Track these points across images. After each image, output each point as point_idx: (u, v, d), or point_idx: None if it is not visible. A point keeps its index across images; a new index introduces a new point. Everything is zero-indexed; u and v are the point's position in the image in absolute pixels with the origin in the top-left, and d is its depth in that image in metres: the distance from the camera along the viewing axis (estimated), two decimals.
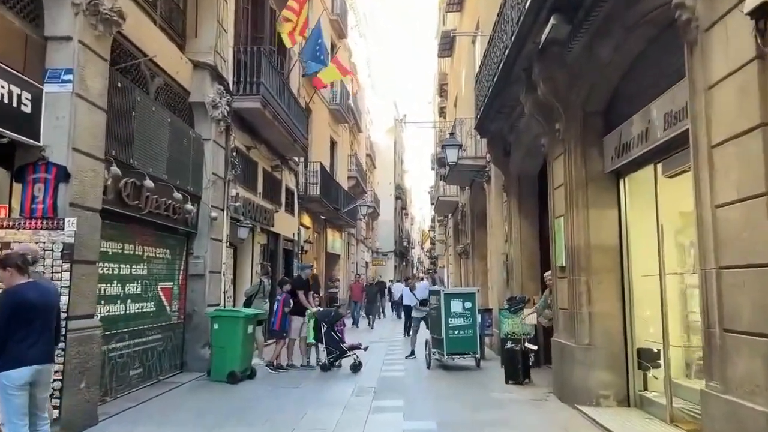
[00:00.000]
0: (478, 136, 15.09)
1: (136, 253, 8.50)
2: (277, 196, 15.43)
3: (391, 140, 49.11)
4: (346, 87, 25.03)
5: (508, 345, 9.46)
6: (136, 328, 8.44)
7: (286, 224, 16.29)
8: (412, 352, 11.93)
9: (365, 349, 11.05)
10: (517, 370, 9.02)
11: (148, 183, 7.97)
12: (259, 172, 13.78)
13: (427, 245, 61.55)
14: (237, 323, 9.35)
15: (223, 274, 11.07)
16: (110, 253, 7.72)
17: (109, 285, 7.69)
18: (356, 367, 10.41)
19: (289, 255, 17.09)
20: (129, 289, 8.26)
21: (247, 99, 11.76)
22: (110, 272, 7.73)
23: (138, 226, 8.48)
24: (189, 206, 9.53)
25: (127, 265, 8.22)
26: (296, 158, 17.34)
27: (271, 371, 10.35)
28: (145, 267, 8.76)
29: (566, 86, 7.63)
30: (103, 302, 7.51)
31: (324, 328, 10.64)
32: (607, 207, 7.49)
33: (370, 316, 20.94)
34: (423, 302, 11.98)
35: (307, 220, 19.25)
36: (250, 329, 9.62)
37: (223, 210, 11.11)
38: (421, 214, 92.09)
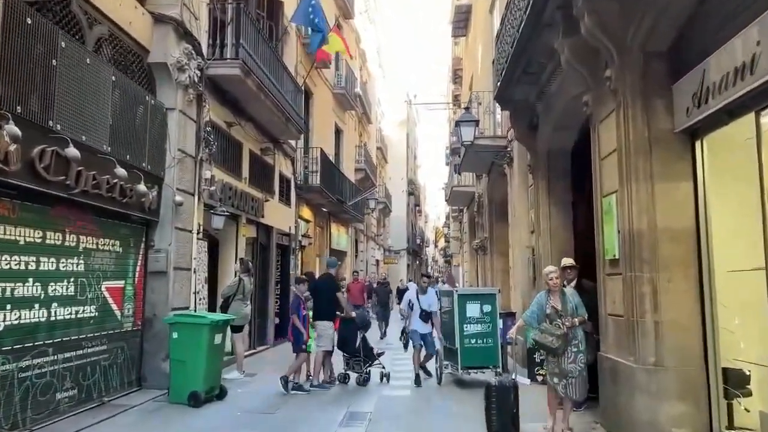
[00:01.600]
0: (498, 114, 13.22)
1: (67, 243, 6.71)
2: (268, 184, 13.62)
3: (404, 134, 47.20)
4: (352, 70, 23.19)
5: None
6: (66, 338, 6.65)
7: (280, 216, 14.48)
8: (418, 378, 9.03)
9: (380, 354, 9.51)
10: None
11: (72, 152, 6.15)
12: (244, 155, 11.98)
13: (442, 243, 59.62)
14: (200, 332, 7.53)
15: (194, 272, 9.27)
16: (21, 243, 5.94)
17: (19, 284, 5.90)
18: (387, 377, 9.18)
19: (285, 251, 15.28)
20: (55, 290, 6.47)
21: (223, 64, 9.95)
22: (21, 267, 5.94)
23: (69, 210, 6.69)
24: (141, 187, 7.72)
25: (52, 259, 6.43)
26: (292, 143, 15.51)
27: (310, 388, 8.60)
28: (82, 261, 6.97)
29: (619, 19, 5.71)
30: (8, 307, 5.73)
31: (360, 335, 9.26)
32: (679, 178, 5.55)
33: (383, 323, 16.50)
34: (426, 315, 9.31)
35: (307, 212, 17.43)
36: (218, 339, 7.79)
37: (193, 195, 9.31)
38: (436, 212, 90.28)
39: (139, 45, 8.23)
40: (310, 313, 9.29)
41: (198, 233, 9.45)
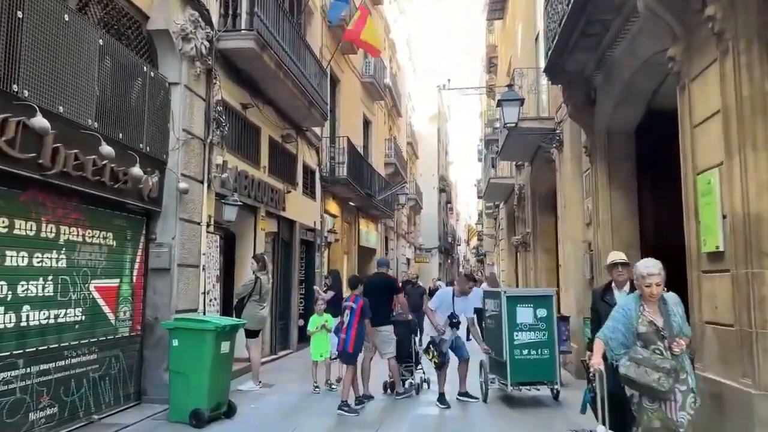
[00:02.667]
0: (543, 94, 11.85)
1: (43, 235, 5.66)
2: (290, 174, 12.51)
3: (435, 128, 45.84)
4: (381, 58, 21.99)
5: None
6: (43, 348, 5.60)
7: (304, 209, 13.36)
8: (442, 397, 7.44)
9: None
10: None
11: (39, 122, 5.07)
12: (262, 141, 10.87)
13: (474, 242, 58.02)
14: (203, 339, 6.42)
15: (203, 269, 8.18)
16: None
17: None
18: (427, 382, 8.38)
19: (310, 247, 14.16)
20: (26, 290, 5.42)
21: (236, 36, 8.85)
22: None
23: (45, 195, 5.64)
24: (136, 170, 6.63)
25: (22, 253, 5.38)
26: (317, 131, 14.38)
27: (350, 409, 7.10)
28: (63, 256, 5.91)
29: None
30: None
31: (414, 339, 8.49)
32: None
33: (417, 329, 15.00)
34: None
35: (333, 206, 16.30)
36: (224, 347, 6.65)
37: (202, 182, 8.22)
38: (467, 210, 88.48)
39: (136, 8, 7.17)
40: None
41: (208, 226, 8.36)
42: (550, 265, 13.56)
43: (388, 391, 8.12)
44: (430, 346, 7.49)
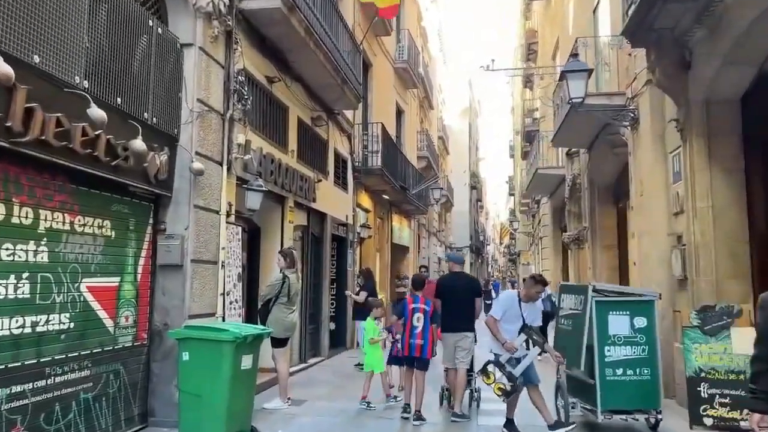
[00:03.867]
0: (607, 65, 10.39)
1: (17, 221, 4.45)
2: (321, 162, 11.24)
3: (465, 123, 44.31)
4: (414, 42, 20.63)
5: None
6: (15, 364, 4.39)
7: (335, 201, 12.09)
8: (510, 424, 6.05)
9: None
10: None
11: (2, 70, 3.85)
12: (290, 122, 9.61)
13: (506, 240, 56.23)
14: (219, 352, 5.15)
15: (222, 266, 6.93)
16: None
17: None
18: (477, 393, 7.36)
19: (342, 244, 12.89)
20: None
21: None
22: None
23: (21, 170, 4.44)
24: (138, 143, 5.39)
25: None
26: (349, 115, 13.11)
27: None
28: (45, 249, 4.70)
29: None
30: None
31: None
32: None
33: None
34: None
35: (365, 200, 15.00)
36: (246, 362, 5.37)
37: (221, 164, 6.98)
38: (495, 209, 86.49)
39: None
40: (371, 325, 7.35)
41: (228, 215, 7.11)
42: (612, 264, 12.05)
43: (444, 403, 7.17)
44: (490, 367, 5.91)
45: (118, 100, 5.31)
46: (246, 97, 7.37)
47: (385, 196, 16.07)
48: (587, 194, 12.56)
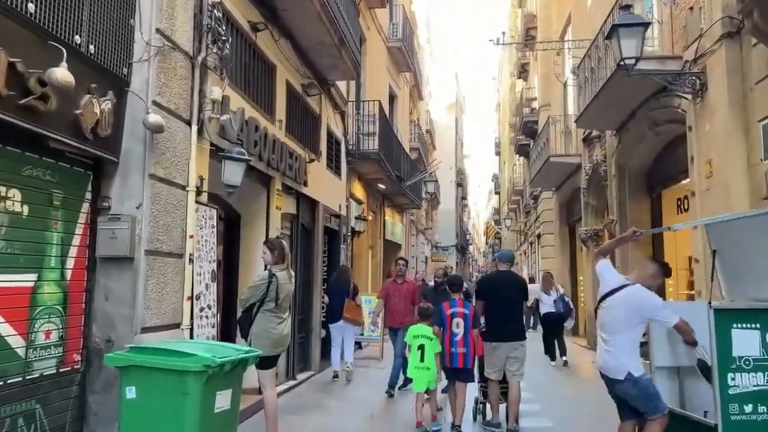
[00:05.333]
0: (658, 22, 8.84)
1: None
2: (313, 139, 9.49)
3: (452, 118, 42.81)
4: (408, 20, 18.97)
5: None
6: None
7: (328, 188, 10.36)
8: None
9: None
10: None
11: None
12: (278, 85, 7.85)
13: (490, 240, 54.89)
14: (181, 388, 3.39)
15: (190, 261, 5.15)
16: None
17: None
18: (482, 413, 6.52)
19: (334, 237, 11.16)
20: None
21: None
22: None
23: None
24: (61, 74, 3.57)
25: None
26: (343, 90, 11.38)
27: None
28: None
29: None
30: None
31: None
32: None
33: None
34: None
35: (359, 190, 13.28)
36: (223, 401, 3.60)
37: (189, 123, 5.21)
38: (476, 209, 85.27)
39: None
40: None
41: (199, 193, 5.35)
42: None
43: (479, 417, 6.46)
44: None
45: (30, 6, 3.52)
46: (224, 38, 5.60)
47: (381, 186, 14.34)
48: (615, 183, 11.00)
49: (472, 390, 6.45)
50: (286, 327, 5.54)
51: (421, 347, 5.91)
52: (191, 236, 5.17)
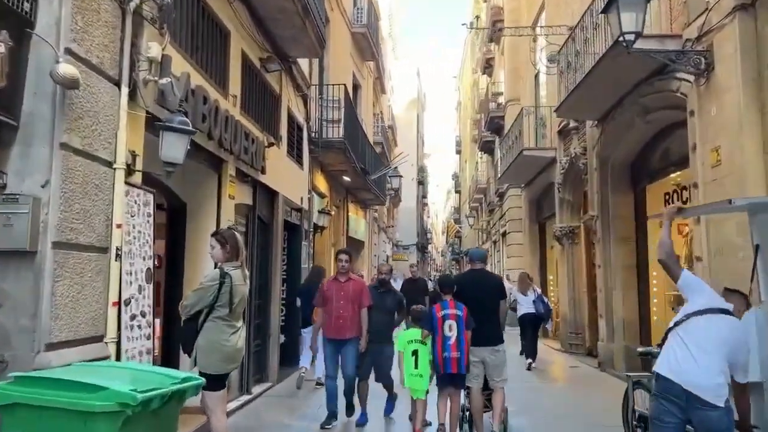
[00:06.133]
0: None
1: None
2: (272, 122, 8.46)
3: (413, 114, 42.11)
4: (373, 7, 18.04)
5: None
6: None
7: (289, 178, 9.34)
8: None
9: None
10: None
11: None
12: (232, 55, 6.79)
13: (447, 240, 54.46)
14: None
15: (117, 257, 4.09)
16: None
17: None
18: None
19: (295, 232, 10.13)
20: None
21: None
22: None
23: None
24: None
25: None
26: (305, 70, 10.37)
27: None
28: None
29: None
30: None
31: None
32: None
33: None
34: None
35: (322, 182, 12.28)
36: None
37: (117, 83, 4.15)
38: (435, 208, 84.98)
39: None
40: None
41: (131, 172, 4.29)
42: (629, 261, 9.88)
43: (465, 427, 5.87)
44: None
45: None
46: None
47: (345, 178, 13.35)
48: (597, 176, 10.33)
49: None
50: (241, 338, 4.53)
51: (415, 353, 5.60)
52: (119, 226, 4.11)
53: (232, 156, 6.55)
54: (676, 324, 3.53)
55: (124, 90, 4.17)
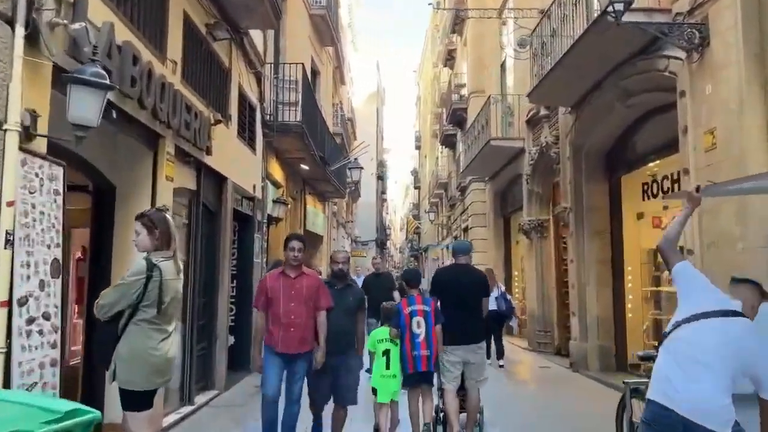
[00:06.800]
0: None
1: None
2: (220, 98, 7.54)
3: (373, 108, 41.35)
4: None
5: None
6: None
7: (240, 163, 8.44)
8: None
9: None
10: None
11: None
12: (172, 17, 5.85)
13: (409, 235, 53.95)
14: None
15: (8, 243, 3.18)
16: None
17: None
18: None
19: (247, 224, 9.23)
20: None
21: None
22: None
23: None
24: None
25: None
26: (260, 46, 9.48)
27: None
28: None
29: None
30: None
31: None
32: None
33: None
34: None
35: (277, 170, 11.39)
36: None
37: (11, 21, 3.23)
38: (393, 205, 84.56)
39: None
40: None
41: (30, 137, 3.38)
42: (603, 255, 9.38)
43: (440, 430, 5.53)
44: None
45: None
46: None
47: (303, 167, 12.45)
48: (570, 166, 9.78)
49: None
50: (173, 346, 3.69)
51: (387, 353, 5.13)
52: (11, 203, 3.20)
53: (170, 131, 5.64)
54: (667, 334, 2.84)
55: (19, 31, 3.26)
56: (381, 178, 42.40)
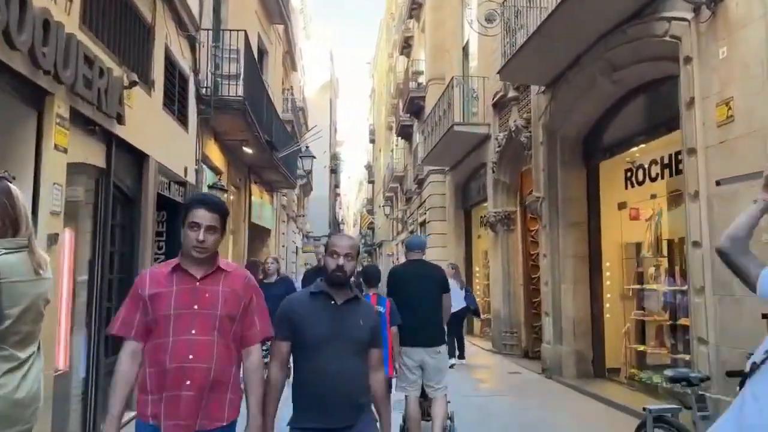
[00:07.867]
0: None
1: None
2: (139, 57, 6.22)
3: (326, 99, 39.99)
4: None
5: None
6: None
7: (167, 140, 7.14)
8: None
9: None
10: None
11: None
12: None
13: (362, 230, 52.86)
14: None
15: None
16: None
17: None
18: None
19: (176, 213, 7.90)
20: None
21: None
22: None
23: None
24: None
25: None
26: (195, 10, 8.17)
27: None
28: None
29: None
30: None
31: None
32: None
33: None
34: None
35: (216, 154, 10.08)
36: None
37: None
38: (346, 200, 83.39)
39: None
40: None
41: None
42: (580, 250, 8.52)
43: None
44: None
45: None
46: None
47: (248, 150, 11.09)
48: (543, 151, 8.86)
49: None
50: (28, 380, 2.47)
51: None
52: None
53: (62, 87, 4.35)
54: (757, 366, 1.83)
55: None
56: (334, 171, 41.13)
